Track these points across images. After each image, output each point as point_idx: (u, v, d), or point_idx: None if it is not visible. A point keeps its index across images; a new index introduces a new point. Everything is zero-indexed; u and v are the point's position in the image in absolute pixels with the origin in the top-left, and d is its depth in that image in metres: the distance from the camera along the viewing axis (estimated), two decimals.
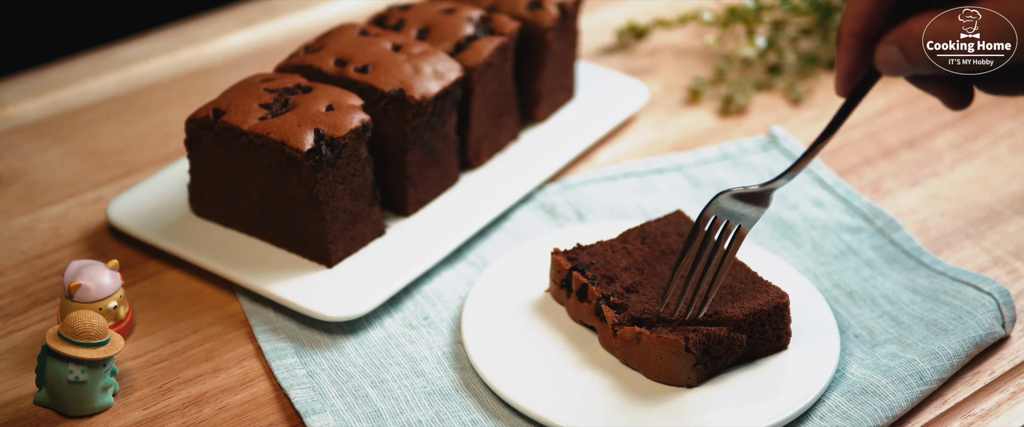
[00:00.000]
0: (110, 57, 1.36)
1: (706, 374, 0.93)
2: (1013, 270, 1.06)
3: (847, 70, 0.83)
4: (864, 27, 0.81)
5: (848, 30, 0.82)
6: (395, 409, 0.94)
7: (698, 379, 0.92)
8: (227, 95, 1.05)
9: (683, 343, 0.91)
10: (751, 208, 0.91)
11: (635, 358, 0.94)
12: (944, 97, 0.82)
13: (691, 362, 0.92)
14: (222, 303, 1.04)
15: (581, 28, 1.33)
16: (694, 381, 0.92)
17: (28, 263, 1.08)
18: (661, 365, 0.92)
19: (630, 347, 0.93)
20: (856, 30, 0.82)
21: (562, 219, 1.13)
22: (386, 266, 1.04)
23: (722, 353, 0.93)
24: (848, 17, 0.82)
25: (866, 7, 0.81)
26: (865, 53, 0.82)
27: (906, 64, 0.79)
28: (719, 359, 0.93)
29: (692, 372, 0.92)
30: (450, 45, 1.12)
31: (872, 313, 1.02)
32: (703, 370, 0.92)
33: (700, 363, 0.92)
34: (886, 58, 0.80)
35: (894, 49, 0.79)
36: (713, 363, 0.93)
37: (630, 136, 1.25)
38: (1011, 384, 0.97)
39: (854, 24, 0.81)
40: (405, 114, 1.05)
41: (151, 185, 1.12)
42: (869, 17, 0.81)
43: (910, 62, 0.79)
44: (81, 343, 0.91)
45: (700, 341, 0.91)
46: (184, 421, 0.94)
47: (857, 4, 0.81)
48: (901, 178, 1.18)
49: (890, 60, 0.79)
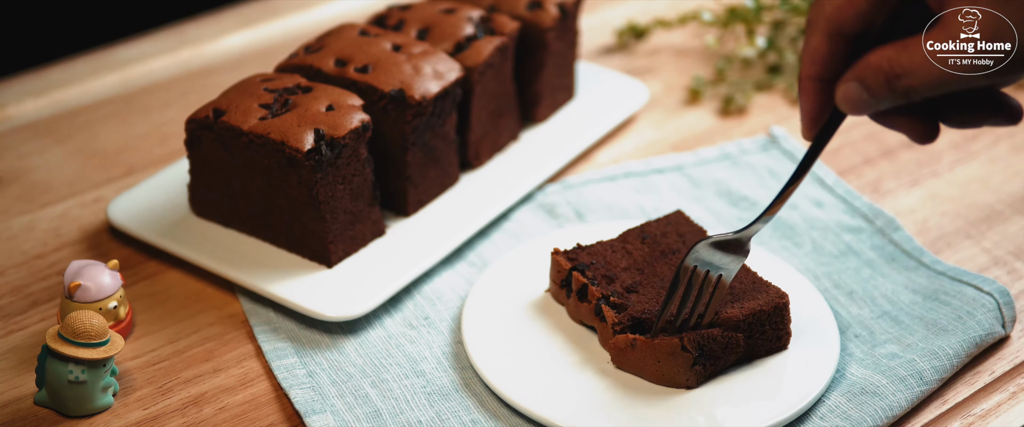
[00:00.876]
0: (110, 57, 1.36)
1: (705, 375, 0.93)
2: (1013, 270, 1.06)
3: (811, 114, 0.82)
4: (822, 69, 0.80)
5: (807, 73, 0.81)
6: (395, 409, 0.94)
7: (698, 380, 0.92)
8: (227, 95, 1.05)
9: (678, 343, 0.91)
10: (729, 257, 0.91)
11: (632, 364, 0.94)
12: (910, 131, 0.81)
13: (689, 362, 0.91)
14: (222, 303, 1.04)
15: (581, 28, 1.33)
16: (693, 382, 0.92)
17: (28, 263, 1.08)
18: (659, 369, 0.92)
19: (625, 354, 0.93)
20: (814, 73, 0.80)
21: (562, 219, 1.13)
22: (386, 266, 1.04)
23: (719, 353, 0.93)
24: (805, 60, 0.81)
25: (821, 48, 0.80)
26: (826, 95, 0.81)
27: (868, 99, 0.78)
28: (718, 359, 0.93)
29: (690, 373, 0.92)
30: (450, 45, 1.12)
31: (872, 313, 1.02)
32: (702, 371, 0.92)
33: (698, 363, 0.92)
34: (847, 95, 0.78)
35: (854, 85, 0.78)
36: (712, 363, 0.93)
37: (630, 136, 1.25)
38: (1011, 384, 0.97)
39: (811, 67, 0.80)
40: (405, 114, 1.05)
41: (151, 185, 1.12)
42: (825, 59, 0.80)
43: (872, 97, 0.78)
44: (81, 343, 0.91)
45: (696, 339, 0.91)
46: (184, 421, 0.94)
47: (812, 46, 0.80)
48: (901, 178, 1.18)
49: (851, 97, 0.78)
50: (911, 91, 0.77)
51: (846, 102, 0.79)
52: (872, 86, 0.77)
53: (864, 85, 0.78)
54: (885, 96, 0.77)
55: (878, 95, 0.77)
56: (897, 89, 0.77)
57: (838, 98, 0.79)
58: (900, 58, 0.76)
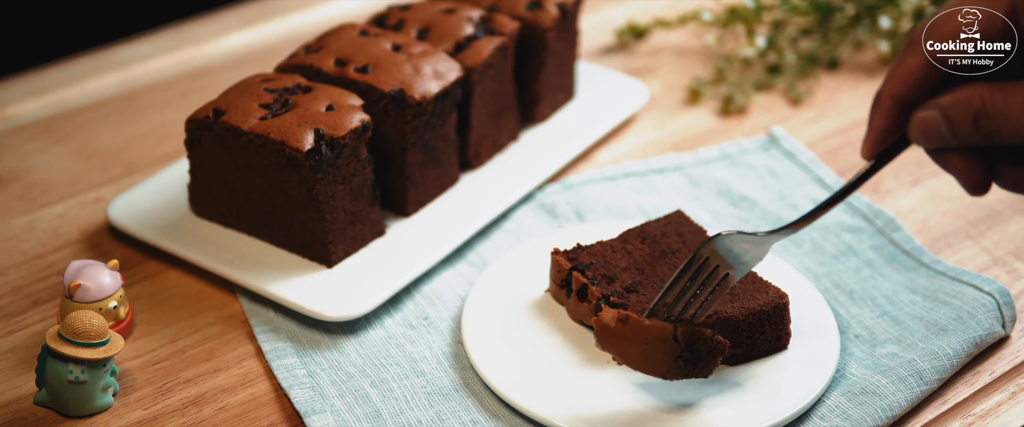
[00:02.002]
0: (110, 57, 1.36)
1: (685, 372, 0.90)
2: (1013, 270, 1.06)
3: (879, 133, 0.80)
4: (908, 91, 0.78)
5: (890, 92, 0.79)
6: (395, 409, 0.94)
7: (677, 375, 0.90)
8: (227, 95, 1.05)
9: (672, 330, 0.89)
10: (745, 259, 0.89)
11: (614, 344, 0.90)
12: (966, 176, 0.79)
13: (675, 353, 0.89)
14: (222, 303, 1.04)
15: (581, 28, 1.33)
16: (673, 375, 0.90)
17: (28, 263, 1.08)
18: (643, 353, 0.90)
19: (610, 332, 0.90)
20: (898, 93, 0.78)
21: (562, 219, 1.13)
22: (386, 266, 1.04)
23: (704, 353, 0.90)
24: (893, 79, 0.78)
25: (916, 71, 0.77)
26: (902, 118, 0.79)
27: (945, 132, 0.76)
28: (700, 360, 0.91)
29: (673, 365, 0.90)
30: (450, 45, 1.12)
31: (872, 313, 1.02)
32: (683, 366, 0.90)
33: (682, 357, 0.90)
34: (924, 124, 0.76)
35: (935, 115, 0.76)
36: (694, 363, 0.90)
37: (630, 136, 1.25)
38: (1011, 384, 0.97)
39: (898, 86, 0.78)
40: (405, 114, 1.05)
41: (151, 185, 1.12)
42: (916, 82, 0.78)
43: (951, 131, 0.76)
44: (81, 343, 0.91)
45: (689, 333, 0.90)
46: (184, 421, 0.94)
47: (907, 66, 0.78)
48: (901, 178, 1.18)
49: (928, 126, 0.76)
50: (994, 134, 0.75)
51: (920, 130, 0.77)
52: (956, 120, 0.75)
53: (946, 116, 0.76)
54: (966, 133, 0.75)
55: (958, 131, 0.76)
56: (982, 129, 0.75)
57: (913, 124, 0.77)
58: (995, 99, 0.74)
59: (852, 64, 1.35)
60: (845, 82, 1.32)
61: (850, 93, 1.30)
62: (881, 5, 1.34)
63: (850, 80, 1.32)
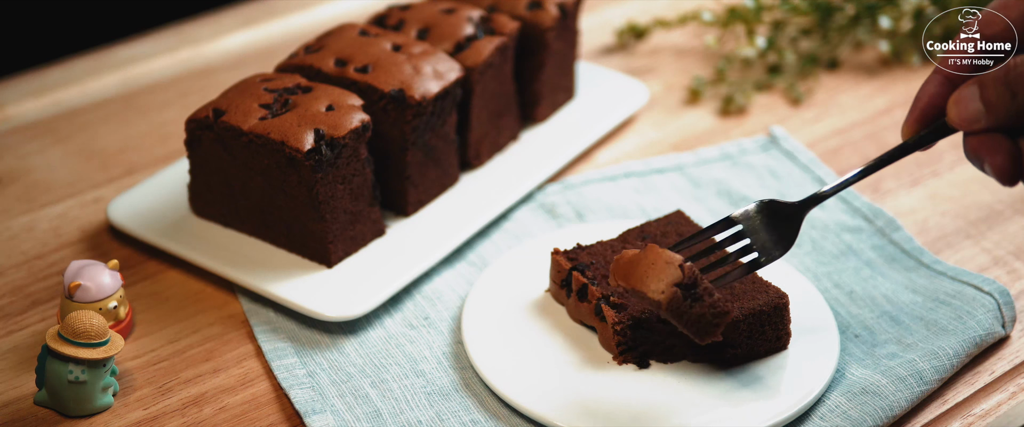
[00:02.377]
0: (110, 57, 1.36)
1: (677, 306, 0.87)
2: (1013, 270, 1.06)
3: (924, 108, 0.80)
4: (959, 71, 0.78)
5: (956, 64, 0.79)
6: (395, 409, 0.94)
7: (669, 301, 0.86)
8: (227, 95, 1.05)
9: (682, 260, 0.87)
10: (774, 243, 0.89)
11: (623, 269, 0.88)
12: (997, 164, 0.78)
13: (676, 278, 0.86)
14: (222, 303, 1.04)
15: (581, 28, 1.33)
16: (665, 298, 0.86)
17: (28, 263, 1.08)
18: (648, 271, 0.87)
19: (624, 257, 0.88)
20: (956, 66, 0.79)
21: (562, 219, 1.13)
22: (386, 266, 1.04)
23: (703, 298, 0.87)
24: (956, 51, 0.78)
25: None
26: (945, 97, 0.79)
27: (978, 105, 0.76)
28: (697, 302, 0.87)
29: (669, 289, 0.86)
30: (450, 45, 1.12)
31: (872, 313, 1.02)
32: (679, 297, 0.86)
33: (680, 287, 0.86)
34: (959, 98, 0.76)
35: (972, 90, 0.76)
36: (689, 301, 0.87)
37: (630, 136, 1.25)
38: (1011, 384, 0.97)
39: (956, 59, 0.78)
40: (405, 114, 1.05)
41: (151, 185, 1.12)
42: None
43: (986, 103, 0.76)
44: (81, 343, 0.91)
45: (696, 271, 0.87)
46: (184, 421, 0.94)
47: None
48: (901, 178, 1.18)
49: (963, 100, 0.76)
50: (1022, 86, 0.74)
51: (956, 105, 0.77)
52: (987, 84, 0.75)
53: (979, 82, 0.75)
54: (998, 96, 0.75)
55: (988, 97, 0.75)
56: (1012, 84, 0.74)
57: (949, 102, 0.77)
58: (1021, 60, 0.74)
59: (852, 64, 1.35)
60: (845, 82, 1.32)
61: (850, 93, 1.30)
62: (881, 5, 1.34)
63: (850, 80, 1.32)
